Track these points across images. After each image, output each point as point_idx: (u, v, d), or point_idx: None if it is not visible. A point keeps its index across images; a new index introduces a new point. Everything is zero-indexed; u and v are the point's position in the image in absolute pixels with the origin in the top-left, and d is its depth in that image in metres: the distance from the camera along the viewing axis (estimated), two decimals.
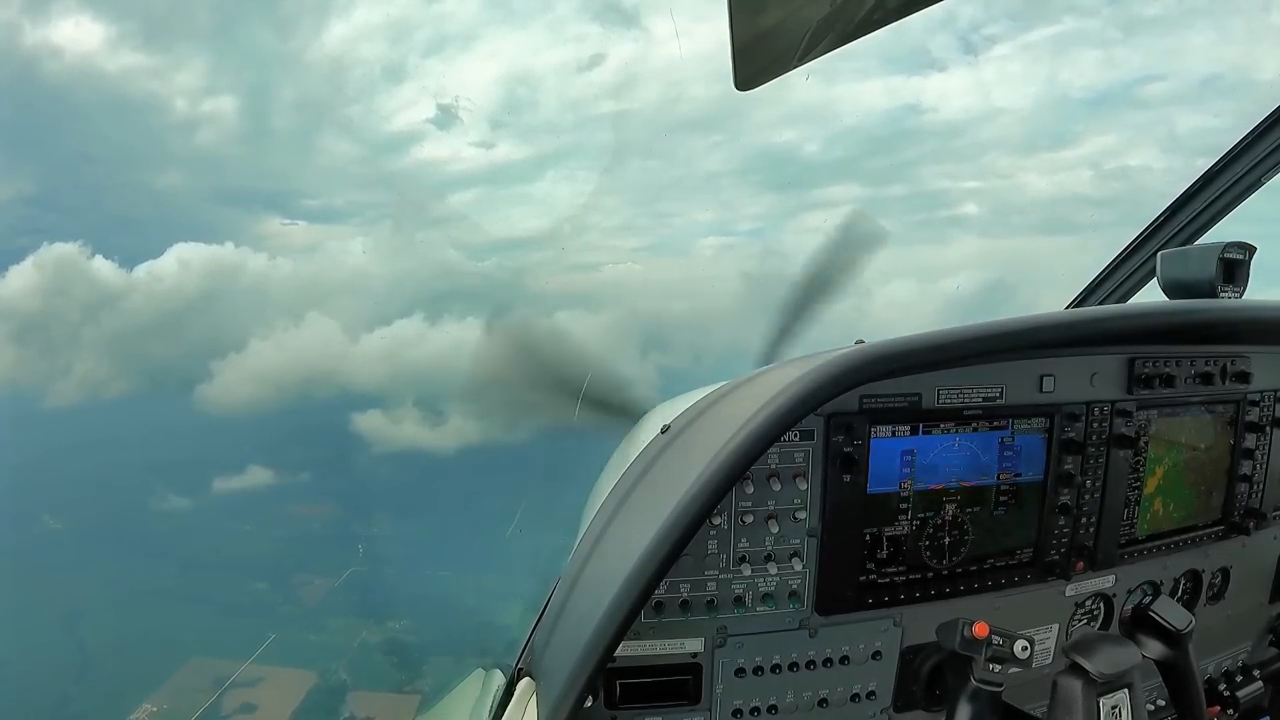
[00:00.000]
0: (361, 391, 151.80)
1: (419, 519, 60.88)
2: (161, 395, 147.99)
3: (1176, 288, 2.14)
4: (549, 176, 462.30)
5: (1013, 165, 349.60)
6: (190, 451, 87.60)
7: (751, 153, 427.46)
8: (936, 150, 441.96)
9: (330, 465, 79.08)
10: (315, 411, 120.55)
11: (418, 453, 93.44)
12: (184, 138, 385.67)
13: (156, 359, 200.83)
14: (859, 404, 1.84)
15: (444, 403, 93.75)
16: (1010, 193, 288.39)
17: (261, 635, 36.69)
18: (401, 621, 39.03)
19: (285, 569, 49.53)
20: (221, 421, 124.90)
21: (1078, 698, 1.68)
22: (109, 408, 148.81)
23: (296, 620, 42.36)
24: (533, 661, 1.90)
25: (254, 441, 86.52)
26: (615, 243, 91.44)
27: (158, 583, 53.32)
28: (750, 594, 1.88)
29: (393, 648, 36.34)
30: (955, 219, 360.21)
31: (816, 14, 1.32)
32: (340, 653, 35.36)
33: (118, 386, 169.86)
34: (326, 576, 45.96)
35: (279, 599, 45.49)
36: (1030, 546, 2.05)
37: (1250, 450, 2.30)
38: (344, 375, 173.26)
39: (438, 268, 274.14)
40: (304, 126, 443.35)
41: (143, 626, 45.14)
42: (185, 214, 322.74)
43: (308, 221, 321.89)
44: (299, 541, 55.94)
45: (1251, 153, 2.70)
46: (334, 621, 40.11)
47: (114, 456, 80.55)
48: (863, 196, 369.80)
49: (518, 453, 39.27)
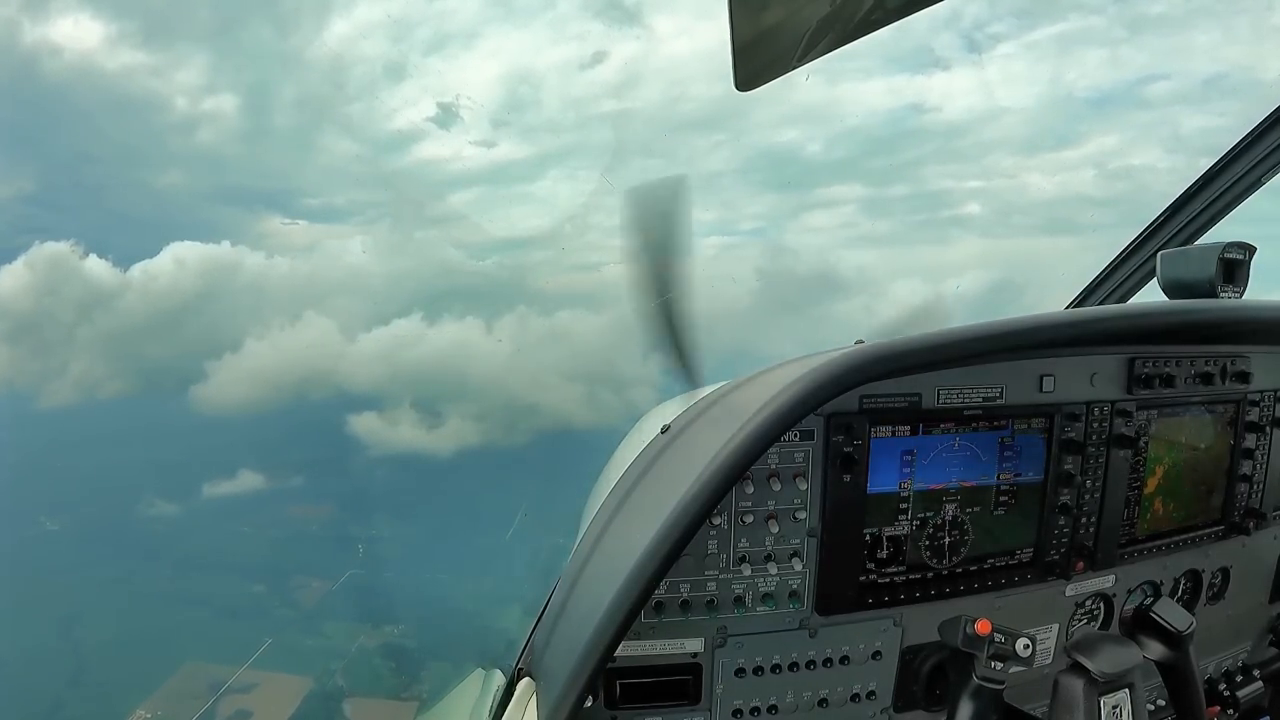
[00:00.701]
0: (360, 391, 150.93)
1: (416, 520, 60.38)
2: (157, 395, 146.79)
3: (1176, 288, 2.14)
4: (551, 175, 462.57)
5: (1016, 165, 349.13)
6: (186, 453, 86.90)
7: (753, 152, 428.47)
8: (939, 150, 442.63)
9: (329, 464, 78.39)
10: (312, 410, 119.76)
11: (416, 455, 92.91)
12: (184, 136, 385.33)
13: (153, 358, 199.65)
14: (859, 404, 1.84)
15: (445, 403, 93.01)
16: (1013, 193, 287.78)
17: (255, 638, 36.36)
18: (399, 626, 38.46)
19: (281, 570, 49.13)
20: (218, 421, 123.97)
21: (1079, 697, 1.68)
22: (104, 407, 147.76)
23: (293, 624, 41.99)
24: (533, 661, 1.90)
25: (250, 442, 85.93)
26: (617, 242, 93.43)
27: (152, 585, 52.92)
28: (750, 594, 1.88)
29: (390, 652, 35.80)
30: (958, 219, 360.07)
31: (816, 14, 1.32)
32: (337, 656, 35.02)
33: (113, 386, 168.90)
34: (323, 578, 45.59)
35: (274, 601, 45.04)
36: (1030, 546, 2.05)
37: (1250, 450, 2.30)
38: (341, 375, 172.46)
39: (438, 266, 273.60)
40: (305, 125, 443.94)
41: (138, 629, 44.78)
42: (184, 212, 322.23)
43: (309, 220, 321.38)
44: (295, 542, 55.52)
45: (1251, 153, 2.71)
46: (330, 625, 39.75)
47: (110, 456, 79.95)
48: (865, 196, 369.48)
49: (516, 454, 38.95)
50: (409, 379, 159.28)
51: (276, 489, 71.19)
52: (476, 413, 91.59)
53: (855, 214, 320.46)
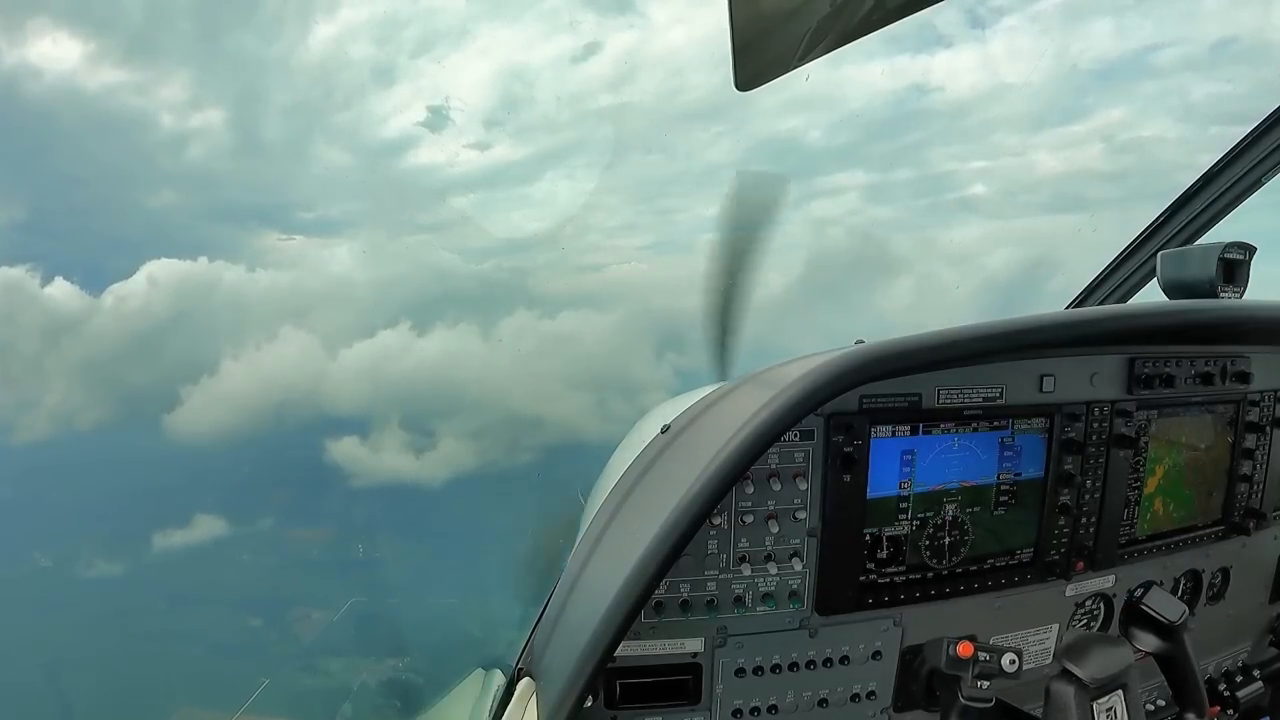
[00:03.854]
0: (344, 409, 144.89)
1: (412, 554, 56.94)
2: (139, 422, 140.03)
3: (1176, 288, 2.14)
4: (548, 176, 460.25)
5: (1022, 143, 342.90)
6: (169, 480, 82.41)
7: (754, 142, 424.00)
8: (944, 131, 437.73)
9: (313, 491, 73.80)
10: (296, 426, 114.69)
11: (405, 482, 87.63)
12: (172, 154, 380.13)
13: (132, 383, 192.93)
14: (859, 404, 1.84)
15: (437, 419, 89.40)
16: (1020, 171, 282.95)
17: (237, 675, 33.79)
18: (400, 659, 36.02)
19: (282, 603, 46.75)
20: (193, 450, 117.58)
21: (1070, 704, 1.69)
22: (81, 438, 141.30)
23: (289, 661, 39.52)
24: (533, 661, 1.90)
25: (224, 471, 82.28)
26: (619, 242, 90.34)
27: (139, 620, 50.68)
28: (750, 594, 1.88)
29: (387, 687, 33.50)
30: (964, 201, 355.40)
31: (816, 14, 1.32)
32: (334, 695, 32.35)
33: (92, 415, 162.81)
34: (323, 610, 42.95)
35: (269, 638, 42.29)
36: (1030, 546, 2.05)
37: (1250, 450, 2.30)
38: (328, 386, 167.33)
39: (432, 271, 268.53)
40: (295, 135, 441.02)
41: (127, 663, 42.82)
42: (180, 231, 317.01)
43: (305, 235, 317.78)
44: (292, 569, 53.14)
45: (1251, 153, 2.71)
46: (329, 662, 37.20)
47: (99, 483, 76.63)
48: (868, 183, 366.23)
49: (519, 475, 36.30)
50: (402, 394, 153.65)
51: (240, 533, 66.98)
52: (474, 430, 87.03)
53: (859, 201, 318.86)
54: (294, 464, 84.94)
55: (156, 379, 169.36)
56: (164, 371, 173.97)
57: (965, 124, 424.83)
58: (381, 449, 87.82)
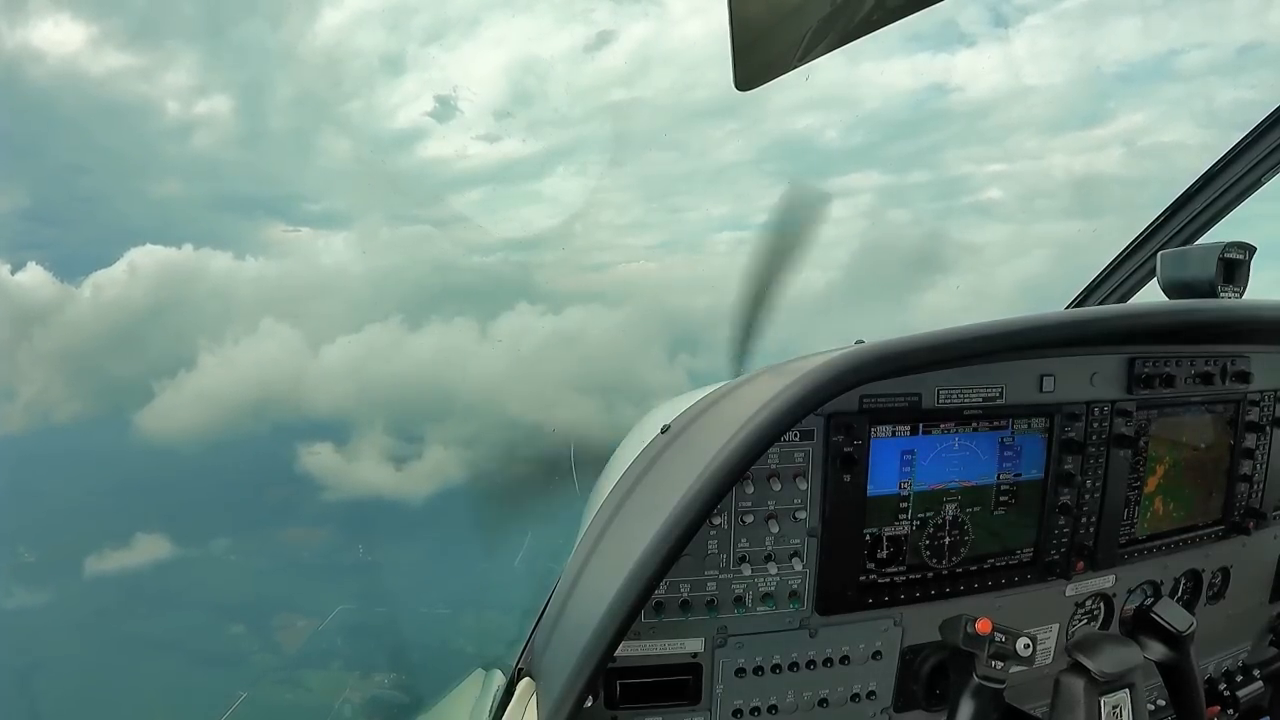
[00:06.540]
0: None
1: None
2: (119, 415, 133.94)
3: (1176, 288, 2.14)
4: (559, 171, 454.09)
5: (1041, 146, 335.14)
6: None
7: (767, 141, 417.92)
8: (962, 133, 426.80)
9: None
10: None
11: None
12: (177, 142, 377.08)
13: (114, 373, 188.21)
14: (859, 404, 1.84)
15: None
16: (1037, 176, 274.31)
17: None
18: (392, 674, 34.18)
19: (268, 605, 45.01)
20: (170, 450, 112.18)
21: (1079, 697, 1.68)
22: (63, 431, 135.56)
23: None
24: (533, 661, 1.90)
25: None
26: (628, 240, 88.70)
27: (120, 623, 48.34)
28: (750, 594, 1.88)
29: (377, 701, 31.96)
30: (978, 205, 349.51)
31: (816, 14, 1.32)
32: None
33: (70, 408, 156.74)
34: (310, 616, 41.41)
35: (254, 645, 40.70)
36: (1030, 546, 2.05)
37: (1250, 450, 2.30)
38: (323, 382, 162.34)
39: (433, 263, 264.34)
40: (301, 125, 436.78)
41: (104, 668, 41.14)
42: (186, 223, 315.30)
43: (312, 227, 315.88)
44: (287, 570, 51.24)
45: (1251, 153, 2.71)
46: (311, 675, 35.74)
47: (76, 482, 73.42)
48: (883, 185, 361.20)
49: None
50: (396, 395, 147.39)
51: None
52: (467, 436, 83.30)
53: (873, 203, 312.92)
54: (279, 464, 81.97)
55: (138, 371, 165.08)
56: (147, 364, 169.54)
57: (984, 126, 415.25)
58: (358, 457, 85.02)
